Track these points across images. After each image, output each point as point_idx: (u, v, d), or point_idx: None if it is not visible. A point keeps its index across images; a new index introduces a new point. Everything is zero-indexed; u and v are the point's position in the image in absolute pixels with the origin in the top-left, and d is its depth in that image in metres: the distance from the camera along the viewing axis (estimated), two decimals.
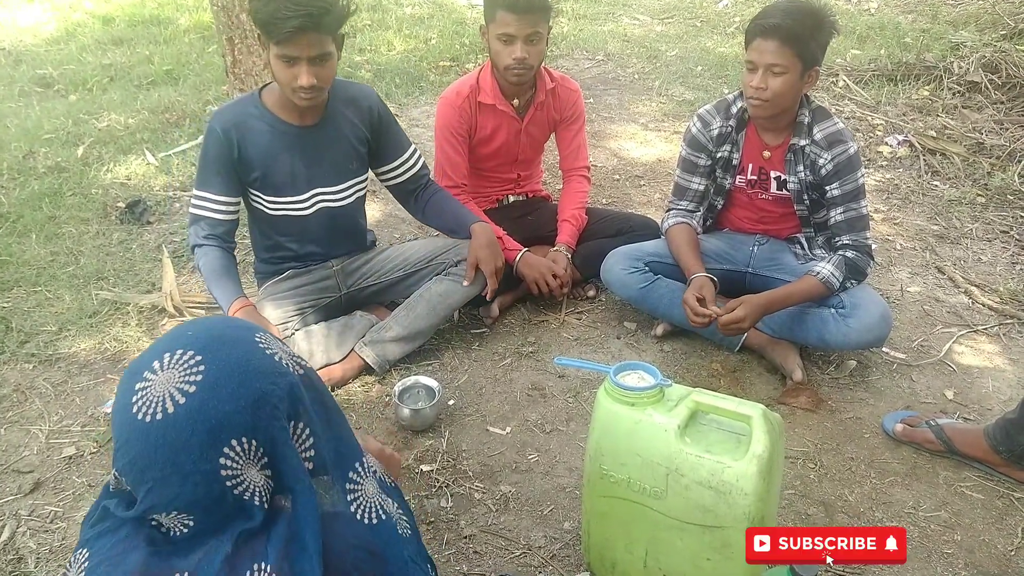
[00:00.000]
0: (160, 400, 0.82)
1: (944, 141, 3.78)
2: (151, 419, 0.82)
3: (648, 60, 5.22)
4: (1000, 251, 2.99)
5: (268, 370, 0.88)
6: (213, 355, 0.85)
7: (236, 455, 0.83)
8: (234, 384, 0.84)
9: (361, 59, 5.16)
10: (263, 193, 2.17)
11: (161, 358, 0.85)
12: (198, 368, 0.84)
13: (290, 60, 1.92)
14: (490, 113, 2.56)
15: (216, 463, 0.82)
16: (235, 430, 0.83)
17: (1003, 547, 1.75)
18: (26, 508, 1.86)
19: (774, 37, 2.04)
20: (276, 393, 0.87)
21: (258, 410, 0.85)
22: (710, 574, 1.43)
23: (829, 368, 2.34)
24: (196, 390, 0.82)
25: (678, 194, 2.47)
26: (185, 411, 0.82)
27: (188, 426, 0.81)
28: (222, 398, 0.83)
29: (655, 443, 1.40)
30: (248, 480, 0.85)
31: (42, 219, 3.15)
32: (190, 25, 6.00)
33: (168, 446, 0.81)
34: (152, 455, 0.82)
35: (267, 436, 0.85)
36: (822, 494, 1.89)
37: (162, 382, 0.83)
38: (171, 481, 0.82)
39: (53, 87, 4.80)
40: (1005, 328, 2.53)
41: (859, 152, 2.22)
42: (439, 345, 2.45)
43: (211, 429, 0.82)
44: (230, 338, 0.89)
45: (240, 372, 0.85)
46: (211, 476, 0.83)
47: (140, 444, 0.82)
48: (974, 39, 4.85)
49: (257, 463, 0.85)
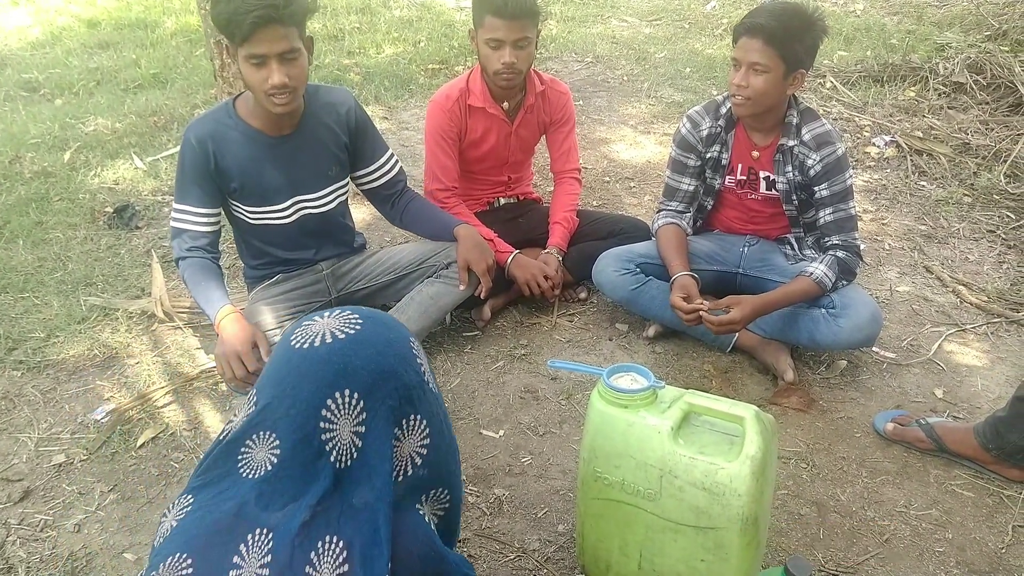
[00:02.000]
0: (315, 336, 0.95)
1: (930, 141, 3.81)
2: (299, 346, 0.95)
3: (637, 62, 5.24)
4: (987, 250, 3.01)
5: (408, 359, 0.99)
6: (372, 323, 0.98)
7: (338, 407, 0.92)
8: (375, 349, 0.95)
9: (350, 62, 5.15)
10: (242, 203, 2.15)
11: (330, 313, 0.99)
12: (357, 323, 0.97)
13: (259, 60, 1.87)
14: (480, 116, 2.55)
15: (323, 402, 0.92)
16: (355, 383, 0.92)
17: (994, 544, 1.76)
18: (16, 517, 1.84)
19: (758, 36, 2.06)
20: (403, 378, 0.97)
21: (381, 380, 0.94)
22: (704, 575, 1.44)
23: (820, 368, 2.35)
24: (346, 337, 0.95)
25: (668, 195, 2.49)
26: (328, 349, 0.94)
27: (322, 361, 0.93)
28: (361, 354, 0.94)
29: (648, 445, 1.41)
30: (337, 434, 0.92)
31: (29, 224, 3.13)
32: (177, 28, 5.97)
33: (300, 371, 0.93)
34: (284, 375, 0.94)
35: (375, 404, 0.94)
36: (814, 494, 1.90)
37: (324, 323, 0.97)
38: (284, 400, 0.93)
39: (39, 91, 4.77)
40: (993, 327, 2.55)
41: (847, 153, 2.24)
42: (431, 348, 2.44)
43: (338, 371, 0.92)
44: (390, 322, 1.02)
45: (385, 345, 0.97)
46: (313, 411, 0.92)
47: (283, 364, 0.95)
48: (959, 40, 4.89)
49: (353, 422, 0.93)
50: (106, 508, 1.87)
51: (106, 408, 2.17)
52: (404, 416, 0.97)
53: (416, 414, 0.98)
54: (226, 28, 1.87)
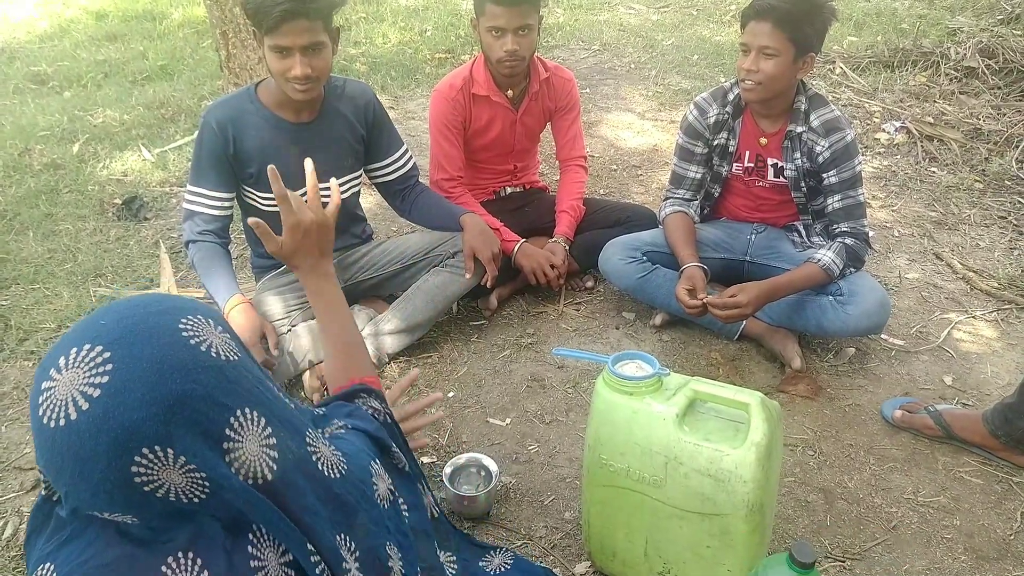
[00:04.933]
0: (63, 404, 0.74)
1: (941, 127, 3.77)
2: (55, 424, 0.74)
3: (644, 49, 5.21)
4: (998, 237, 2.99)
5: (190, 365, 0.78)
6: (124, 351, 0.76)
7: (149, 463, 0.75)
8: (145, 387, 0.74)
9: (356, 52, 5.14)
10: (257, 189, 2.16)
11: (67, 353, 0.76)
12: (104, 368, 0.74)
13: (282, 51, 1.91)
14: (484, 105, 2.55)
15: (127, 472, 0.74)
16: (145, 439, 0.74)
17: (1002, 531, 1.76)
18: (28, 505, 1.86)
19: (768, 19, 2.04)
20: (197, 392, 0.77)
21: (173, 416, 0.75)
22: (709, 561, 1.44)
23: (828, 356, 2.35)
24: (100, 394, 0.74)
25: (675, 183, 2.47)
26: (87, 419, 0.73)
27: (91, 436, 0.73)
28: (129, 405, 0.73)
29: (654, 432, 1.41)
30: (169, 484, 0.76)
31: (39, 216, 3.15)
32: (183, 20, 5.98)
33: (73, 455, 0.74)
34: (60, 462, 0.75)
35: (185, 445, 0.76)
36: (822, 481, 1.90)
37: (66, 383, 0.74)
38: (82, 488, 0.76)
39: (48, 84, 4.79)
40: (1003, 314, 2.53)
41: (856, 139, 2.22)
42: (438, 338, 2.45)
43: (115, 440, 0.73)
44: (147, 329, 0.78)
45: (154, 372, 0.75)
46: (124, 484, 0.75)
47: (48, 449, 0.76)
48: (971, 24, 4.84)
49: (178, 468, 0.76)
50: None
51: None
52: (225, 425, 0.79)
53: (233, 411, 0.80)
54: (254, 18, 1.91)
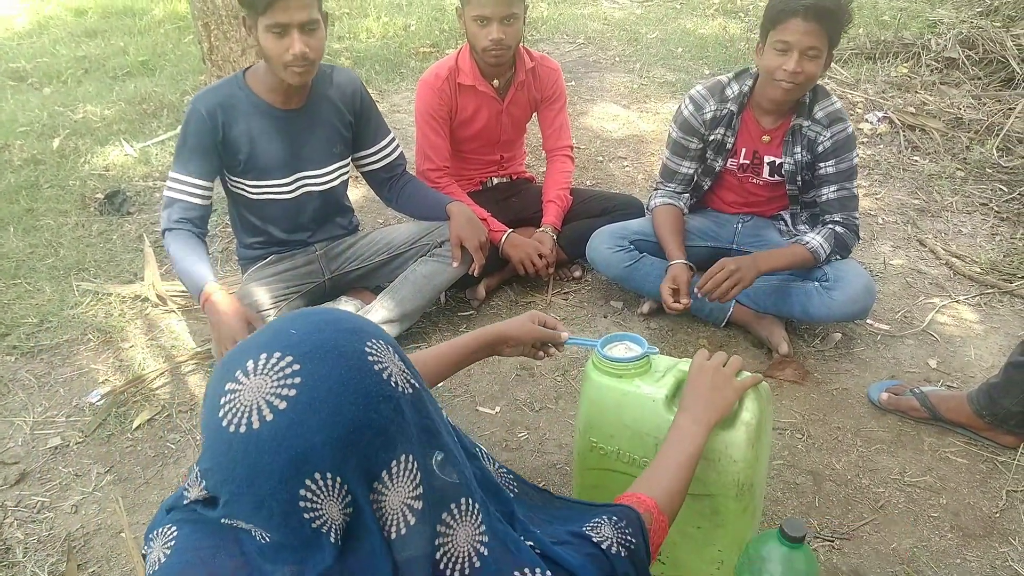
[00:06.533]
0: (248, 411, 0.73)
1: (923, 117, 3.80)
2: (235, 430, 0.73)
3: (628, 43, 5.21)
4: (980, 223, 3.02)
5: (373, 393, 0.76)
6: (314, 366, 0.74)
7: (318, 489, 0.73)
8: (329, 409, 0.73)
9: (340, 46, 5.12)
10: (245, 177, 2.15)
11: (257, 358, 0.75)
12: (293, 380, 0.73)
13: (280, 29, 1.89)
14: (470, 94, 2.54)
15: (295, 494, 0.73)
16: (321, 464, 0.73)
17: (988, 509, 1.78)
18: (12, 499, 1.84)
19: (814, 19, 1.94)
20: (375, 421, 0.75)
21: (350, 445, 0.74)
22: (700, 542, 1.44)
23: (814, 341, 2.36)
24: (287, 407, 0.72)
25: (666, 177, 2.46)
26: (271, 431, 0.72)
27: (272, 448, 0.72)
28: (313, 425, 0.72)
29: (643, 414, 1.40)
30: (327, 516, 0.75)
31: (19, 212, 3.11)
32: (165, 15, 5.93)
33: (249, 465, 0.73)
34: (232, 469, 0.74)
35: (353, 476, 0.75)
36: (810, 463, 1.91)
37: (252, 389, 0.73)
38: (246, 500, 0.75)
39: (27, 80, 4.73)
40: (986, 298, 2.56)
41: (855, 133, 2.23)
42: (426, 328, 2.44)
43: (295, 458, 0.72)
44: (337, 347, 0.77)
45: (339, 394, 0.74)
46: (288, 506, 0.74)
47: (222, 454, 0.75)
48: (951, 16, 4.88)
49: (340, 501, 0.75)
50: (103, 489, 1.86)
51: (101, 391, 2.17)
52: (384, 467, 0.77)
53: (396, 458, 0.77)
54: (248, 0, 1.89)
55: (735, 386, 1.32)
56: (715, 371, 1.33)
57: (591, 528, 1.01)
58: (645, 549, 1.04)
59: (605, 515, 1.04)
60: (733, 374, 1.34)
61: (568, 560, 0.94)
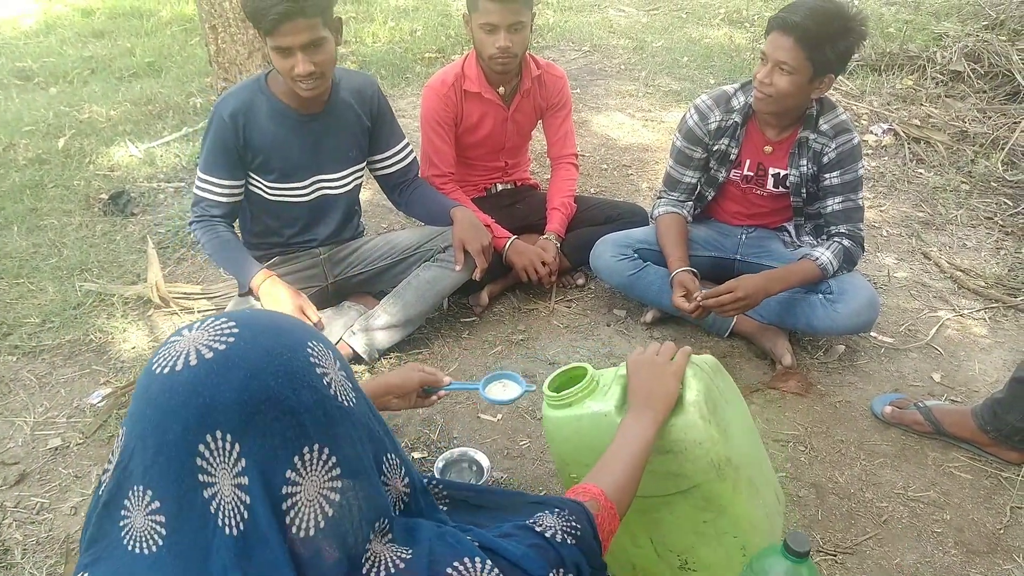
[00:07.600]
0: (177, 356, 0.75)
1: (928, 129, 3.80)
2: (159, 371, 0.75)
3: (634, 51, 5.22)
4: (984, 237, 3.01)
5: (298, 376, 0.76)
6: (251, 333, 0.77)
7: (216, 449, 0.72)
8: (247, 370, 0.73)
9: (346, 51, 5.12)
10: (263, 178, 2.18)
11: (204, 322, 0.79)
12: (228, 339, 0.75)
13: (284, 51, 1.93)
14: (476, 101, 2.54)
15: (194, 448, 0.72)
16: (225, 422, 0.72)
17: (992, 525, 1.77)
18: (12, 500, 1.83)
19: (790, 34, 1.96)
20: (288, 402, 0.74)
21: (257, 411, 0.73)
22: (713, 535, 1.40)
23: (818, 353, 2.35)
24: (212, 356, 0.74)
25: (670, 185, 2.46)
26: (190, 375, 0.73)
27: (185, 392, 0.73)
28: (230, 380, 0.73)
29: (601, 432, 1.36)
30: (219, 488, 0.73)
31: (24, 211, 3.11)
32: (172, 17, 5.93)
33: (161, 406, 0.73)
34: (145, 409, 0.75)
35: (252, 444, 0.73)
36: (813, 476, 1.90)
37: (189, 340, 0.76)
38: (149, 443, 0.74)
39: (33, 80, 4.73)
40: (990, 312, 2.55)
41: (861, 144, 2.22)
42: (429, 334, 2.44)
43: (202, 408, 0.72)
44: (278, 329, 0.79)
45: (265, 361, 0.75)
46: (186, 459, 0.73)
47: (141, 396, 0.75)
48: (956, 29, 4.88)
49: (232, 472, 0.73)
50: None
51: (102, 392, 2.16)
52: (296, 451, 0.75)
53: (315, 444, 0.76)
54: (253, 19, 1.93)
55: (672, 371, 1.32)
56: (649, 364, 1.33)
57: (533, 521, 1.01)
58: (593, 535, 1.03)
59: (547, 509, 1.04)
60: (667, 360, 1.34)
61: (510, 550, 0.92)
